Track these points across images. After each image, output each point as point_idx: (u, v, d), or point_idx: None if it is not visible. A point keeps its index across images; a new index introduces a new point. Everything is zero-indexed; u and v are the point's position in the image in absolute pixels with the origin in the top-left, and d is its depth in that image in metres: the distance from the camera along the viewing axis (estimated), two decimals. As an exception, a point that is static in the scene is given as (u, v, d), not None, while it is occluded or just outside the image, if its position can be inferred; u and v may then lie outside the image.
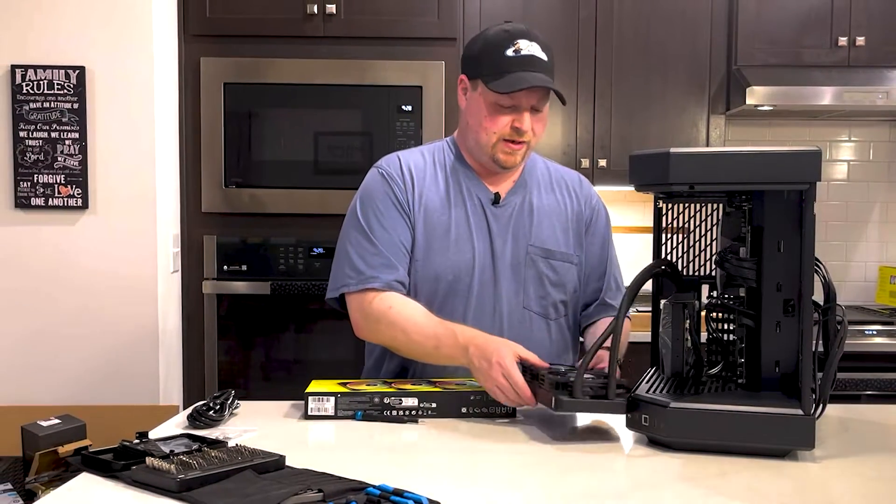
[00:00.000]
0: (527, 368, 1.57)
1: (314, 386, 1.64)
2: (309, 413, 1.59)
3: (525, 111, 1.75)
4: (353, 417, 1.58)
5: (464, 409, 1.61)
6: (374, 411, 1.59)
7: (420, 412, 1.59)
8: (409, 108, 2.95)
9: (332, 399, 1.59)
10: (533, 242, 1.82)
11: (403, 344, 1.73)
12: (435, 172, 1.84)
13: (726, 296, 1.51)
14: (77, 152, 2.72)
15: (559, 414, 1.51)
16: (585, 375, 1.47)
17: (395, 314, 1.72)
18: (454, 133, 1.91)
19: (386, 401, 1.59)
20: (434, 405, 1.60)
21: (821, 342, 1.40)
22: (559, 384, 1.48)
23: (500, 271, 1.80)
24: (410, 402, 1.59)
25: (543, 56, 1.74)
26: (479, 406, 1.61)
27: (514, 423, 1.57)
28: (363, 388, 1.63)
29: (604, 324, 1.84)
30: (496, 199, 1.83)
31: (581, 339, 1.95)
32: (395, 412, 1.59)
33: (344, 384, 1.65)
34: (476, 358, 1.60)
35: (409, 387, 1.64)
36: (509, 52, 1.72)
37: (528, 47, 1.73)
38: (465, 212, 1.81)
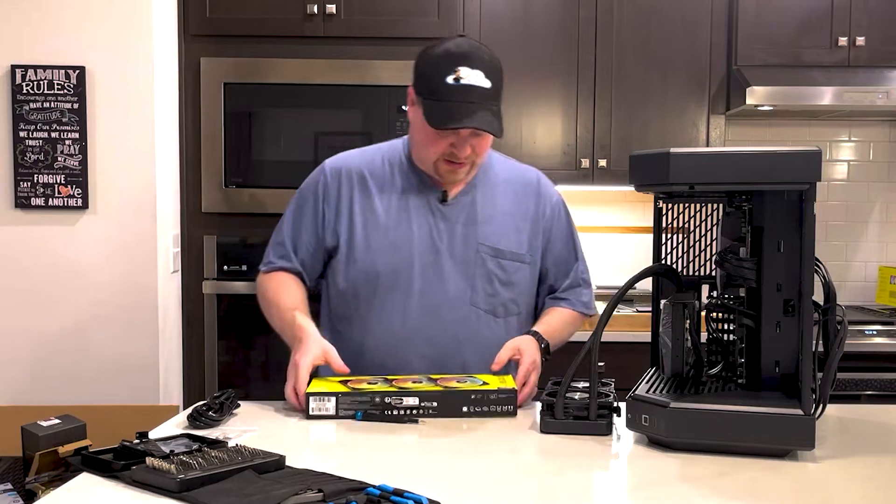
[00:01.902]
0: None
1: (315, 385, 1.64)
2: (311, 413, 1.59)
3: (464, 137, 1.72)
4: (353, 417, 1.58)
5: (465, 409, 1.61)
6: (375, 411, 1.58)
7: (421, 412, 1.59)
8: (409, 108, 2.95)
9: (334, 399, 1.59)
10: (483, 241, 1.82)
11: (271, 320, 1.86)
12: (383, 170, 1.84)
13: (726, 296, 1.51)
14: (77, 152, 2.72)
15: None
16: (577, 395, 1.52)
17: (272, 292, 1.85)
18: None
19: (387, 400, 1.59)
20: (435, 404, 1.60)
21: (821, 342, 1.40)
22: (547, 405, 1.51)
23: (446, 269, 1.80)
24: (411, 401, 1.59)
25: (486, 84, 1.68)
26: (480, 405, 1.61)
27: (514, 423, 1.57)
28: (364, 386, 1.63)
29: (550, 311, 1.91)
30: (443, 198, 1.82)
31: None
32: (395, 412, 1.59)
33: (344, 382, 1.65)
34: (293, 347, 1.72)
35: (409, 385, 1.63)
36: (449, 80, 1.67)
37: (469, 76, 1.66)
38: (409, 209, 1.81)
